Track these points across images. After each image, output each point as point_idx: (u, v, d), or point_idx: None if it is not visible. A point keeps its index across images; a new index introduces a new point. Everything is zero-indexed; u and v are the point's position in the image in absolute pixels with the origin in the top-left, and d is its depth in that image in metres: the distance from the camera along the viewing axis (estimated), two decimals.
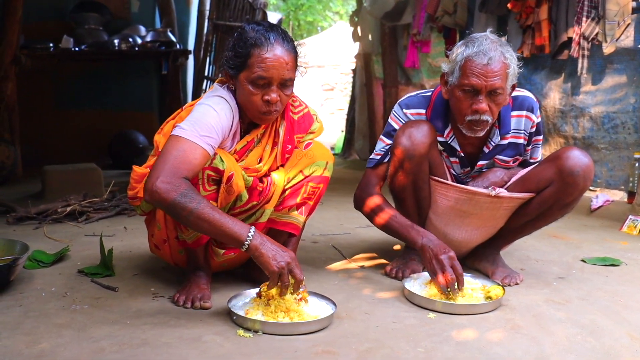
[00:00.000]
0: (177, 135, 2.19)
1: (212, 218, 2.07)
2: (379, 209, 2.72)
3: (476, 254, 2.91)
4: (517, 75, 2.57)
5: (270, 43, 2.27)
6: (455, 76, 2.54)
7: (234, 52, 2.32)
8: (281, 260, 2.11)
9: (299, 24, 22.27)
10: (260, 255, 2.10)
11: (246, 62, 2.29)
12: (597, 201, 4.51)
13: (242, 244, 2.09)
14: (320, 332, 2.13)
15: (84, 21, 7.10)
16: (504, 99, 2.55)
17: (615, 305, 2.51)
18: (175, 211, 2.08)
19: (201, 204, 2.07)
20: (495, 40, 2.52)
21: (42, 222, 3.78)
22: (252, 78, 2.29)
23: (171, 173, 2.09)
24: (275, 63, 2.28)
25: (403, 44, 7.32)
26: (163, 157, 2.14)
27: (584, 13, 4.57)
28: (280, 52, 2.28)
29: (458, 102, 2.56)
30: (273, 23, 2.39)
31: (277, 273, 2.10)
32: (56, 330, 2.08)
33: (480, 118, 2.52)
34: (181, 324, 2.16)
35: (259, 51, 2.27)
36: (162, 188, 2.05)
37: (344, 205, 4.48)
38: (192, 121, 2.23)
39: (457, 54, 2.55)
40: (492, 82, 2.47)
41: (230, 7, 7.94)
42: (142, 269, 2.84)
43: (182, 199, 2.05)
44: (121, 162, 6.94)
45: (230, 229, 2.09)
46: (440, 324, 2.24)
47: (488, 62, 2.46)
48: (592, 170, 2.58)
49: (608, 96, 4.67)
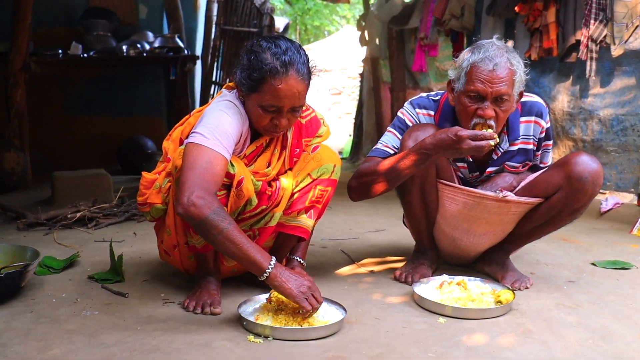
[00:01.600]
0: (199, 145, 2.18)
1: (240, 241, 2.09)
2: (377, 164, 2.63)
3: (485, 258, 2.91)
4: (524, 82, 2.56)
5: (285, 73, 2.24)
6: (461, 82, 2.55)
7: (248, 74, 2.29)
8: (301, 285, 2.15)
9: (306, 28, 22.31)
10: (282, 283, 2.13)
11: (259, 87, 2.28)
12: (607, 204, 4.49)
13: (263, 272, 2.12)
14: (331, 338, 2.12)
15: (93, 28, 7.14)
16: (510, 106, 2.55)
17: (627, 309, 2.49)
18: (205, 228, 2.09)
19: (231, 225, 2.09)
20: (501, 46, 2.53)
21: (52, 228, 3.80)
22: (263, 105, 2.29)
23: (204, 188, 2.09)
24: (288, 93, 2.27)
25: (410, 48, 7.33)
26: (192, 168, 2.13)
27: (592, 15, 4.56)
28: (294, 83, 2.26)
29: (464, 108, 2.56)
30: (290, 41, 2.34)
31: (302, 298, 2.13)
32: (67, 336, 2.08)
33: (486, 123, 2.52)
34: (191, 330, 2.16)
35: (273, 80, 2.24)
36: (198, 204, 2.06)
37: (352, 209, 4.48)
38: (211, 128, 2.23)
39: (463, 61, 2.55)
40: (498, 88, 2.46)
41: (238, 13, 7.99)
42: (152, 274, 2.84)
43: (215, 217, 2.07)
44: (130, 167, 6.97)
45: (253, 255, 2.11)
46: (450, 329, 2.24)
47: (494, 68, 2.46)
48: (601, 176, 2.56)
49: (617, 99, 4.66)
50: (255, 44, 2.33)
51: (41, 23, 6.87)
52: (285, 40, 2.33)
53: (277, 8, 18.15)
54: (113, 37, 7.21)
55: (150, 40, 7.34)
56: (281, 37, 2.35)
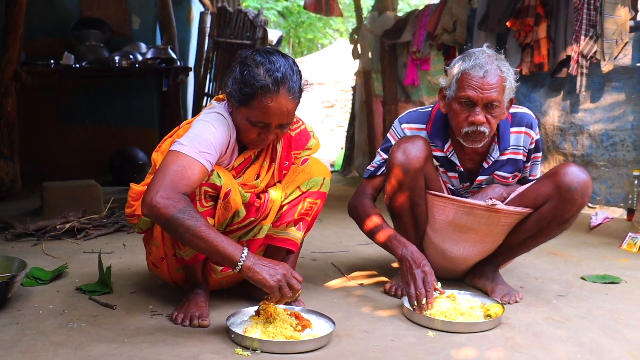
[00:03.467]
0: (176, 151, 2.19)
1: (208, 237, 2.07)
2: (368, 216, 2.75)
3: (475, 272, 2.91)
4: (514, 89, 2.60)
5: (277, 92, 2.24)
6: (452, 89, 2.58)
7: (239, 87, 2.28)
8: (276, 273, 2.12)
9: (299, 41, 22.39)
10: (255, 274, 2.11)
11: (249, 102, 2.27)
12: (597, 218, 4.51)
13: (235, 264, 2.10)
14: (319, 351, 2.12)
15: (85, 38, 7.14)
16: (501, 112, 2.58)
17: (616, 323, 2.49)
18: (172, 227, 2.08)
19: (199, 222, 2.07)
20: (491, 54, 2.57)
21: (40, 239, 3.77)
22: (252, 120, 2.29)
23: (170, 188, 2.08)
24: (278, 112, 2.27)
25: (403, 62, 7.35)
26: (162, 172, 2.13)
27: (582, 31, 4.60)
28: (284, 102, 2.26)
29: (455, 115, 2.59)
30: (284, 57, 2.32)
31: (276, 287, 2.10)
32: (53, 349, 2.07)
33: (478, 129, 2.54)
34: (179, 343, 2.15)
35: (263, 97, 2.24)
36: (161, 203, 2.05)
37: (343, 222, 4.47)
38: (191, 137, 2.23)
39: (454, 68, 2.59)
40: (489, 94, 2.50)
41: (231, 25, 8.00)
42: (141, 286, 2.83)
43: (181, 215, 2.05)
44: (121, 178, 6.94)
45: (224, 248, 2.09)
46: (439, 343, 2.23)
47: (484, 75, 2.49)
48: (589, 186, 2.58)
49: (607, 114, 4.69)
50: (249, 57, 2.31)
51: (33, 33, 6.86)
52: (279, 55, 2.32)
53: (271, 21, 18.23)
54: (105, 47, 7.21)
55: (143, 51, 7.34)
56: (275, 52, 2.33)
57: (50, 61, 6.63)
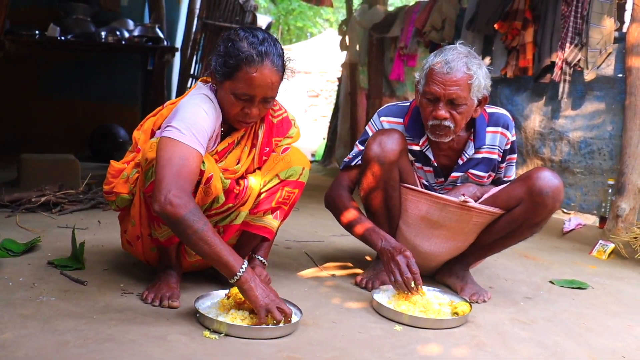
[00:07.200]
0: (177, 141, 2.18)
1: (213, 242, 2.10)
2: (345, 209, 2.77)
3: (446, 269, 2.94)
4: (486, 88, 2.61)
5: (261, 62, 2.27)
6: (421, 84, 2.64)
7: (223, 60, 2.31)
8: (267, 295, 2.15)
9: (289, 28, 22.31)
10: (249, 289, 2.13)
11: (233, 74, 2.29)
12: (570, 224, 4.57)
13: (233, 275, 2.12)
14: (286, 338, 2.13)
15: (72, 11, 7.04)
16: (467, 110, 2.60)
17: (579, 327, 2.55)
18: (180, 227, 2.09)
19: (206, 226, 2.09)
20: (462, 51, 2.58)
21: (15, 211, 3.74)
22: (236, 92, 2.31)
23: (180, 187, 2.10)
24: (262, 83, 2.29)
25: (390, 56, 7.37)
26: (168, 165, 2.13)
27: (568, 39, 4.65)
28: (268, 73, 2.29)
29: (422, 109, 2.65)
30: (267, 34, 2.37)
31: (264, 308, 2.12)
32: (21, 321, 2.06)
33: (441, 124, 2.58)
34: (148, 322, 2.15)
35: (248, 68, 2.27)
36: (175, 202, 2.06)
37: (320, 212, 4.49)
38: (188, 123, 2.22)
39: (425, 63, 2.63)
40: (451, 91, 2.53)
41: (221, 8, 7.94)
42: (113, 264, 2.82)
43: (191, 217, 2.07)
44: (101, 155, 6.89)
45: (226, 257, 2.11)
46: (406, 337, 2.26)
47: (447, 72, 2.52)
48: (561, 192, 2.63)
49: (587, 122, 4.75)
50: (232, 32, 2.36)
51: (20, 1, 6.75)
52: (263, 32, 2.38)
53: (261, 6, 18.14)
54: (92, 22, 7.11)
55: (130, 28, 7.26)
56: (259, 29, 2.40)
57: (35, 32, 6.54)
